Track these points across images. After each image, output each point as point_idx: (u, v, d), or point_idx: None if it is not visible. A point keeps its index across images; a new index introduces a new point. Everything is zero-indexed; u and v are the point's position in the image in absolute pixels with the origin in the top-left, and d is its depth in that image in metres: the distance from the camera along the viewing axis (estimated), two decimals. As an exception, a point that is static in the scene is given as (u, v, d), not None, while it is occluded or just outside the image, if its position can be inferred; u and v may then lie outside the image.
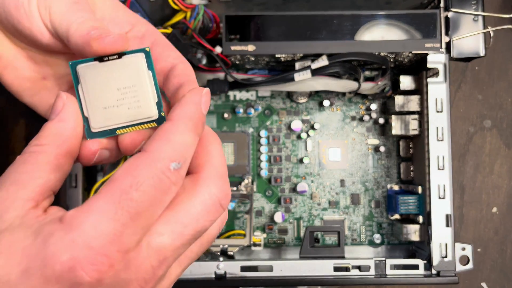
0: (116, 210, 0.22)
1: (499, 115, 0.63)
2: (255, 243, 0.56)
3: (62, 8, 0.28)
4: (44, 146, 0.25)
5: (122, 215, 0.22)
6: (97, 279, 0.21)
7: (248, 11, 0.54)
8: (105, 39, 0.26)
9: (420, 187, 0.54)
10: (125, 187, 0.22)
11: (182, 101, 0.26)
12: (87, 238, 0.21)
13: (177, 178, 0.24)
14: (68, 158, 0.26)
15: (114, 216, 0.22)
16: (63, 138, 0.26)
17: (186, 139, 0.25)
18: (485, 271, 0.62)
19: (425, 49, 0.50)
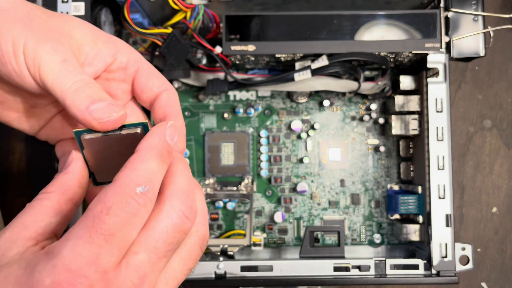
0: (90, 234, 0.24)
1: (499, 115, 0.63)
2: (255, 243, 0.56)
3: (52, 68, 0.29)
4: (50, 193, 0.28)
5: (97, 238, 0.24)
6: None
7: (248, 11, 0.54)
8: (105, 122, 0.29)
9: (420, 187, 0.54)
10: (97, 212, 0.24)
11: (147, 135, 0.28)
12: (66, 262, 0.23)
13: (145, 201, 0.26)
14: (71, 204, 0.28)
15: (89, 240, 0.24)
16: (67, 187, 0.28)
17: (150, 165, 0.27)
18: (485, 271, 0.62)
19: (425, 49, 0.50)
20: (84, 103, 0.28)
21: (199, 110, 0.60)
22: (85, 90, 0.29)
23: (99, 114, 0.28)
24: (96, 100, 0.29)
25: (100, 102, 0.29)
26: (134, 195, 0.25)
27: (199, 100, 0.60)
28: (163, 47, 0.52)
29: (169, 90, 0.33)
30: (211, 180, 0.58)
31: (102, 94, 0.29)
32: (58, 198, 0.28)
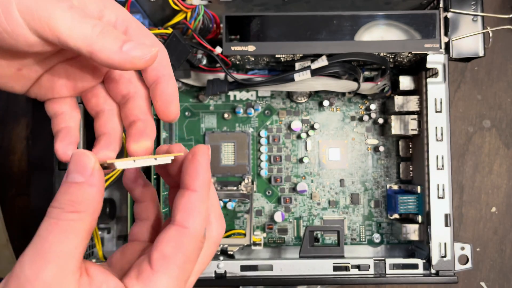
0: (178, 283, 0.27)
1: (498, 115, 0.63)
2: (255, 242, 0.56)
3: (64, 17, 0.26)
4: (81, 213, 0.26)
5: (181, 284, 0.27)
6: None
7: (248, 11, 0.54)
8: (147, 60, 0.28)
9: (420, 187, 0.55)
10: (180, 263, 0.27)
11: (198, 168, 0.29)
12: None
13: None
14: (96, 221, 0.28)
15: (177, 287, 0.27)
16: (96, 204, 0.26)
17: (207, 204, 0.29)
18: (484, 271, 0.62)
19: (425, 49, 0.51)
20: (116, 44, 0.27)
21: (200, 110, 0.60)
22: (109, 32, 0.27)
23: (136, 53, 0.27)
24: (125, 40, 0.27)
25: (129, 41, 0.27)
26: (202, 239, 0.28)
27: (199, 100, 0.60)
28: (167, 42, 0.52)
29: (161, 51, 0.30)
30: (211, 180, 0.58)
31: (122, 34, 0.28)
32: (89, 219, 0.26)
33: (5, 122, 0.63)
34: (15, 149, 0.63)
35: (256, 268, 0.52)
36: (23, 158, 0.63)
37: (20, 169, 0.63)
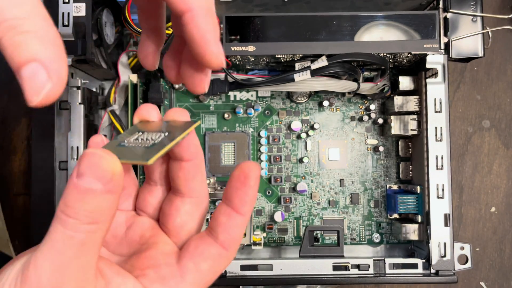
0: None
1: (498, 115, 0.63)
2: (255, 242, 0.56)
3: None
4: (99, 224, 0.23)
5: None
6: None
7: (248, 12, 0.55)
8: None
9: (419, 187, 0.55)
10: (208, 281, 0.28)
11: (251, 195, 0.28)
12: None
13: None
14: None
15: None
16: (114, 211, 0.24)
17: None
18: (484, 270, 0.62)
19: (424, 50, 0.51)
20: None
21: (200, 110, 0.60)
22: None
23: None
24: None
25: None
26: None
27: (199, 101, 0.60)
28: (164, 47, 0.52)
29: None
30: (211, 180, 0.58)
31: None
32: (106, 227, 0.25)
33: (6, 122, 0.64)
34: (16, 149, 0.63)
35: (256, 268, 0.52)
36: (23, 158, 0.63)
37: (21, 169, 0.63)
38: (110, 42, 0.56)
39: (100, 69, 0.55)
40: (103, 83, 0.60)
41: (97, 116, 0.58)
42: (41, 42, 0.21)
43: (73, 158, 0.52)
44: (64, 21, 0.50)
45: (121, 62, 0.57)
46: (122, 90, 0.58)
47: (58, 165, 0.52)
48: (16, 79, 0.22)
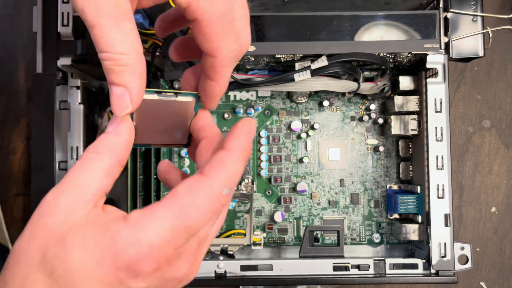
0: (174, 221, 0.27)
1: (498, 115, 0.63)
2: (255, 242, 0.56)
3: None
4: (101, 154, 0.29)
5: (178, 226, 0.27)
6: (156, 268, 0.27)
7: (248, 11, 0.54)
8: None
9: (419, 187, 0.55)
10: (184, 204, 0.27)
11: (236, 132, 0.30)
12: (150, 239, 0.26)
13: (227, 201, 0.28)
14: (119, 166, 0.30)
15: (172, 225, 0.27)
16: (117, 150, 0.29)
17: (238, 167, 0.29)
18: (484, 270, 0.62)
19: (425, 50, 0.51)
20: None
21: (200, 110, 0.60)
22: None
23: None
24: None
25: None
26: (220, 197, 0.28)
27: (199, 100, 0.60)
28: (164, 47, 0.52)
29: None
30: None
31: None
32: (109, 160, 0.29)
33: (6, 122, 0.64)
34: (16, 149, 0.63)
35: (256, 268, 0.52)
36: (23, 158, 0.63)
37: (20, 169, 0.63)
38: (110, 42, 0.56)
39: (100, 69, 0.54)
40: (103, 83, 0.60)
41: (96, 116, 0.57)
42: (132, 75, 0.28)
43: (73, 158, 0.51)
44: (64, 20, 0.50)
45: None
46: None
47: (58, 165, 0.51)
48: (16, 80, 0.27)
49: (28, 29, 0.64)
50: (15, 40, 0.64)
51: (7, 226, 0.63)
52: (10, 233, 0.63)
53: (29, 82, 0.63)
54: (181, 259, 0.28)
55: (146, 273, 0.26)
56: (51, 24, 0.50)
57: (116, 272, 0.26)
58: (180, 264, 0.28)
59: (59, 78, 0.51)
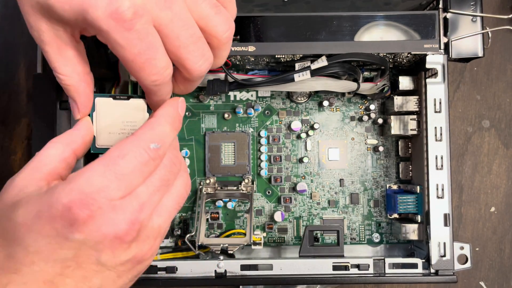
0: (105, 170, 0.29)
1: (498, 115, 0.63)
2: (255, 242, 0.56)
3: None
4: (57, 143, 0.33)
5: (109, 174, 0.29)
6: (89, 215, 0.28)
7: (248, 12, 0.55)
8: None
9: (419, 187, 0.55)
10: (114, 156, 0.30)
11: (164, 105, 0.34)
12: (81, 187, 0.28)
13: (155, 155, 0.31)
14: (73, 155, 0.34)
15: (102, 174, 0.29)
16: (72, 140, 0.34)
17: (164, 128, 0.32)
18: (484, 270, 0.62)
19: (424, 50, 0.51)
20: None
21: (200, 110, 0.61)
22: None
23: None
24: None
25: None
26: (147, 149, 0.31)
27: (199, 101, 0.60)
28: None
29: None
30: (211, 180, 0.58)
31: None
32: (62, 148, 0.33)
33: (6, 123, 0.64)
34: (16, 149, 0.63)
35: (256, 268, 0.52)
36: (23, 158, 0.63)
37: (21, 169, 0.63)
38: (110, 42, 0.56)
39: (100, 69, 0.55)
40: (103, 83, 0.60)
41: (97, 116, 0.58)
42: (75, 91, 0.34)
43: (73, 158, 0.52)
44: (64, 21, 0.50)
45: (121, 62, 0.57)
46: (122, 90, 0.58)
47: (58, 165, 0.52)
48: (16, 80, 0.31)
49: (28, 29, 0.64)
50: (15, 40, 0.64)
51: (8, 226, 0.63)
52: (11, 232, 0.63)
53: (30, 82, 0.63)
54: (117, 214, 0.29)
55: (80, 221, 0.28)
56: (52, 24, 0.50)
57: (52, 223, 0.28)
58: (117, 219, 0.29)
59: (59, 78, 0.51)
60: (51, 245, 0.28)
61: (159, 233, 0.32)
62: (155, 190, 0.31)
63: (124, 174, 0.29)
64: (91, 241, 0.28)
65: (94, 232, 0.28)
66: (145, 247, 0.31)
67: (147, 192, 0.31)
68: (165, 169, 0.32)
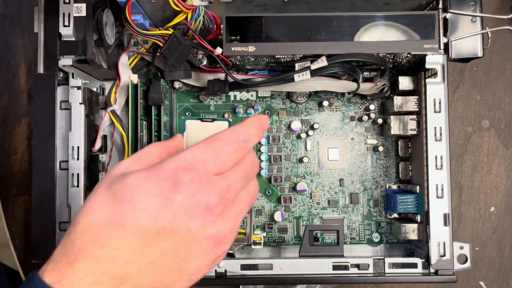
0: (205, 148, 0.35)
1: (497, 115, 0.63)
2: (255, 241, 0.56)
3: None
4: (156, 144, 0.40)
5: (208, 151, 0.35)
6: (190, 180, 0.33)
7: (248, 12, 0.55)
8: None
9: (419, 187, 0.55)
10: (212, 139, 0.36)
11: (252, 116, 0.43)
12: (186, 157, 0.34)
13: (243, 145, 0.37)
14: (167, 155, 0.39)
15: (203, 150, 0.35)
16: (167, 145, 0.40)
17: (252, 129, 0.38)
18: (483, 270, 0.62)
19: (424, 50, 0.51)
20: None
21: (200, 110, 0.61)
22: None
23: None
24: None
25: None
26: (238, 140, 0.37)
27: (200, 101, 0.61)
28: (164, 48, 0.52)
29: None
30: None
31: None
32: (161, 149, 0.39)
33: (7, 123, 0.64)
34: (17, 149, 0.63)
35: (256, 267, 0.52)
36: (24, 158, 0.63)
37: (22, 169, 0.63)
38: (111, 42, 0.56)
39: (100, 69, 0.55)
40: (104, 83, 0.60)
41: (97, 116, 0.58)
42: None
43: (74, 158, 0.52)
44: (65, 21, 0.50)
45: (121, 62, 0.57)
46: (122, 90, 0.58)
47: (59, 165, 0.52)
48: (17, 80, 0.32)
49: (29, 30, 0.64)
50: (16, 40, 0.64)
51: (8, 226, 0.63)
52: (11, 232, 0.63)
53: (30, 82, 0.64)
54: (211, 186, 0.34)
55: (182, 184, 0.33)
56: (52, 24, 0.50)
57: (159, 183, 0.33)
58: (211, 191, 0.34)
59: (60, 78, 0.51)
60: (155, 204, 0.33)
61: (237, 219, 0.36)
62: (239, 178, 0.37)
63: (220, 153, 0.35)
64: (188, 205, 0.33)
65: (191, 196, 0.33)
66: (227, 228, 0.35)
67: (234, 178, 0.36)
68: (247, 164, 0.38)
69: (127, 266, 0.32)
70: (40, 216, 0.50)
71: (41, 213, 0.50)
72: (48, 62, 0.50)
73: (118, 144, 0.60)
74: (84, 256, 0.32)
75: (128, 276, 0.32)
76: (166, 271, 0.34)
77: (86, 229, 0.33)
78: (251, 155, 0.39)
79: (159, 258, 0.33)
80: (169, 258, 0.34)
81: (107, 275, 0.32)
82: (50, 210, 0.50)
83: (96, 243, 0.32)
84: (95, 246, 0.32)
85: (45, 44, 0.50)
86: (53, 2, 0.50)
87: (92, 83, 0.59)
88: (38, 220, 0.50)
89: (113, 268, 0.32)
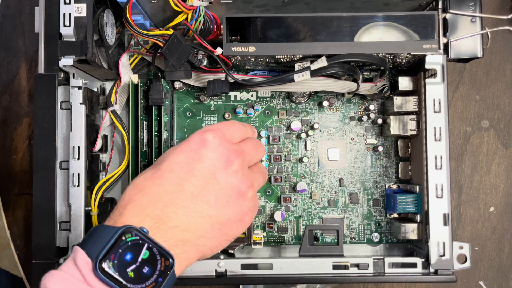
0: (219, 125, 0.44)
1: (497, 115, 0.64)
2: (255, 241, 0.56)
3: None
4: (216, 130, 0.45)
5: (221, 125, 0.44)
6: (213, 137, 0.42)
7: (248, 12, 0.55)
8: None
9: (418, 187, 0.55)
10: (221, 122, 0.47)
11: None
12: (209, 126, 0.44)
13: (244, 125, 0.48)
14: (242, 137, 0.47)
15: (219, 124, 0.45)
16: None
17: (246, 126, 0.48)
18: (483, 270, 0.63)
19: (423, 50, 0.51)
20: None
21: (200, 110, 0.61)
22: None
23: None
24: None
25: None
26: (238, 123, 0.47)
27: (200, 101, 0.61)
28: (165, 48, 0.52)
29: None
30: None
31: None
32: (242, 130, 0.47)
33: (8, 122, 0.64)
34: (18, 149, 0.64)
35: (256, 267, 0.52)
36: (25, 157, 0.64)
37: (22, 168, 0.63)
38: (111, 42, 0.56)
39: (101, 70, 0.55)
40: (104, 83, 0.60)
41: (98, 116, 0.58)
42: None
43: (74, 158, 0.52)
44: (66, 21, 0.50)
45: (122, 62, 0.57)
46: (123, 90, 0.58)
47: (59, 164, 0.52)
48: (18, 80, 0.33)
49: (30, 30, 0.64)
50: (17, 40, 0.64)
51: (9, 225, 0.63)
52: (12, 232, 0.63)
53: (31, 82, 0.64)
54: (228, 144, 0.43)
55: (208, 141, 0.42)
56: (53, 24, 0.50)
57: (190, 143, 0.42)
58: (228, 148, 0.42)
59: (61, 79, 0.51)
60: (187, 158, 0.41)
61: (254, 183, 0.44)
62: (250, 147, 0.45)
63: (229, 127, 0.44)
64: (213, 157, 0.41)
65: (215, 149, 0.42)
66: (247, 182, 0.43)
67: (246, 146, 0.45)
68: (253, 141, 0.47)
69: (166, 209, 0.39)
70: (41, 216, 0.50)
71: (42, 213, 0.50)
72: (48, 62, 0.50)
73: (119, 144, 0.60)
74: (131, 203, 0.39)
75: (167, 217, 0.39)
76: (198, 216, 0.40)
77: (133, 187, 0.41)
78: (253, 138, 0.48)
79: (191, 202, 0.40)
80: (200, 203, 0.40)
81: (150, 216, 0.39)
82: (51, 210, 0.50)
83: (141, 193, 0.40)
84: (140, 196, 0.40)
85: (45, 44, 0.50)
86: (53, 2, 0.50)
87: (93, 83, 0.59)
88: (38, 220, 0.50)
89: (154, 210, 0.39)
